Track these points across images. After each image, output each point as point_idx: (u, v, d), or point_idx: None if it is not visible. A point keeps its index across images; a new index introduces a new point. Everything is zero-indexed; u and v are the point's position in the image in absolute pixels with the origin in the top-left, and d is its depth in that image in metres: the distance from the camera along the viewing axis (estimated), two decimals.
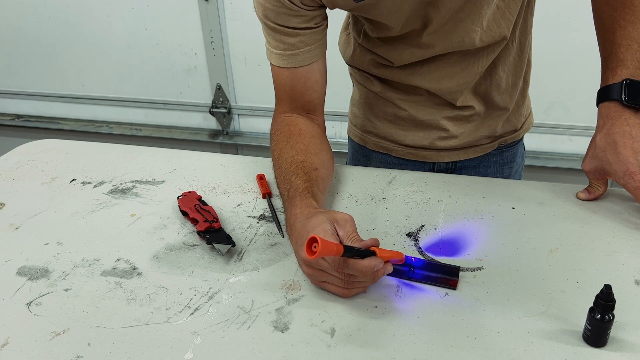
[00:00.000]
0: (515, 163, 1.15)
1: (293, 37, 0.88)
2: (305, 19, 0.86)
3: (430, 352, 0.63)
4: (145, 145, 1.19)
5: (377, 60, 1.01)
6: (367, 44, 1.01)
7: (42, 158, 1.10)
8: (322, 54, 0.92)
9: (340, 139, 2.35)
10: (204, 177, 1.01)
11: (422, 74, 0.97)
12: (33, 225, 0.88)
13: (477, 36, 0.89)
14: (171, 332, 0.67)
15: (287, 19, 0.86)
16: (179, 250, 0.81)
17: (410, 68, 0.97)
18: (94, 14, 2.37)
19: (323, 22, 0.90)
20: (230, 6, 2.22)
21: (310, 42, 0.89)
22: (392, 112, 1.05)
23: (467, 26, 0.88)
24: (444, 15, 0.86)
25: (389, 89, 1.03)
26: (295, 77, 0.92)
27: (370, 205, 0.91)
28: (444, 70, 0.96)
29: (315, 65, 0.92)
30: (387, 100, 1.05)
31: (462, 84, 0.97)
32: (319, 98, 0.95)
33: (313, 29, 0.88)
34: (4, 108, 2.74)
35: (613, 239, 0.81)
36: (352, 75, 1.12)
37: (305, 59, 0.90)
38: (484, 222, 0.86)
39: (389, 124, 1.07)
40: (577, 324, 0.66)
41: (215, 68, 2.35)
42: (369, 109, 1.09)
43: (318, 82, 0.94)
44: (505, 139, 1.10)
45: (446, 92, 0.98)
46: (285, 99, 0.94)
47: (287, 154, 0.88)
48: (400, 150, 1.09)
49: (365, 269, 0.66)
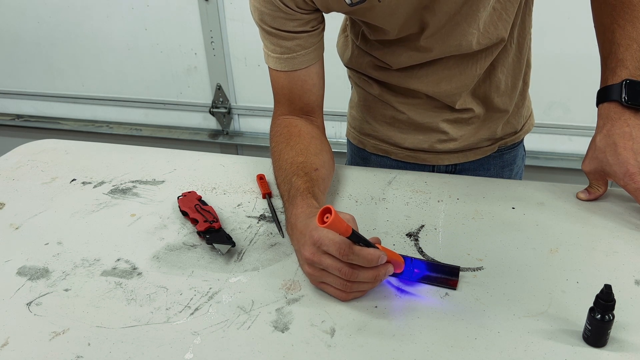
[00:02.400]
0: (516, 165, 1.15)
1: (289, 40, 0.88)
2: (301, 23, 0.87)
3: (430, 352, 0.63)
4: (145, 145, 1.19)
5: (375, 62, 1.01)
6: (365, 46, 1.01)
7: (42, 158, 1.10)
8: (319, 56, 0.92)
9: (340, 139, 2.35)
10: (204, 177, 1.01)
11: (420, 77, 0.97)
12: (33, 225, 0.88)
13: (474, 39, 0.89)
14: (171, 332, 0.67)
15: (283, 22, 0.86)
16: (179, 250, 0.81)
17: (409, 71, 0.97)
18: (94, 14, 2.37)
19: (319, 26, 0.90)
20: (230, 6, 2.22)
21: (307, 45, 0.89)
22: (390, 114, 1.05)
23: (463, 29, 0.88)
24: (440, 19, 0.86)
25: (387, 91, 1.03)
26: (293, 80, 0.92)
27: (370, 205, 0.91)
28: (442, 73, 0.95)
29: (313, 68, 0.92)
30: (385, 103, 1.04)
31: (461, 87, 0.97)
32: (317, 100, 0.95)
33: (309, 32, 0.88)
34: (4, 108, 2.74)
35: (613, 239, 0.81)
36: (350, 78, 1.12)
37: (303, 62, 0.90)
38: (484, 222, 0.86)
39: (387, 126, 1.07)
40: (577, 324, 0.66)
41: (215, 68, 2.35)
42: (367, 111, 1.09)
43: (316, 85, 0.94)
44: (505, 141, 1.09)
45: (445, 95, 0.98)
46: (283, 102, 0.94)
47: (287, 155, 0.88)
48: (399, 153, 1.09)
49: (371, 256, 0.66)
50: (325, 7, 0.86)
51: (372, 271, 0.68)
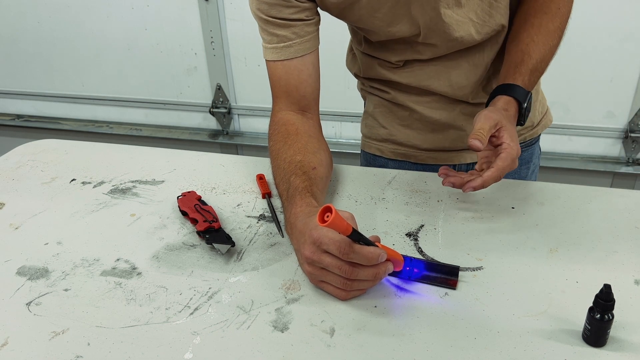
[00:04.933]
0: (532, 163, 1.14)
1: (285, 28, 0.89)
2: (297, 10, 0.88)
3: (430, 352, 0.63)
4: (145, 145, 1.19)
5: (383, 64, 1.01)
6: (369, 49, 1.01)
7: (42, 158, 1.10)
8: (314, 47, 0.93)
9: (341, 139, 2.35)
10: (203, 177, 1.01)
11: (429, 73, 0.97)
12: (33, 225, 0.88)
13: (472, 29, 0.90)
14: (171, 332, 0.67)
15: (279, 10, 0.88)
16: (179, 250, 0.81)
17: (418, 68, 0.98)
18: (94, 14, 2.37)
19: (314, 17, 0.92)
20: (230, 6, 2.22)
21: (302, 34, 0.90)
22: (406, 115, 1.05)
23: (455, 20, 0.88)
24: (426, 12, 0.87)
25: (400, 93, 1.03)
26: (289, 70, 0.92)
27: (370, 205, 0.91)
28: (451, 67, 0.96)
29: (308, 58, 0.92)
30: (399, 105, 1.04)
31: (472, 79, 0.97)
32: (314, 93, 0.96)
33: (305, 21, 0.90)
34: (4, 108, 2.74)
35: (613, 239, 0.81)
36: (362, 90, 1.12)
37: (298, 50, 0.91)
38: (484, 222, 0.86)
39: (405, 128, 1.06)
40: (577, 324, 0.66)
41: (215, 68, 2.35)
42: (382, 116, 1.09)
43: (312, 76, 0.94)
44: (524, 136, 1.09)
45: (457, 88, 0.98)
46: (280, 95, 0.95)
47: (285, 154, 0.88)
48: (419, 155, 1.08)
49: (371, 254, 0.66)
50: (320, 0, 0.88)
51: (372, 269, 0.68)
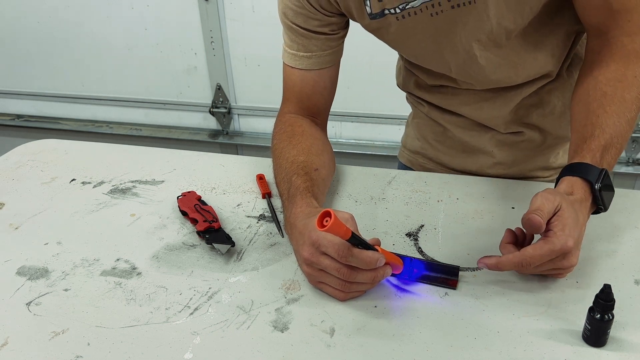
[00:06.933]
0: None
1: (307, 39, 0.88)
2: (322, 23, 0.87)
3: (430, 352, 0.63)
4: (145, 145, 1.19)
5: (419, 81, 1.00)
6: (408, 64, 1.01)
7: (42, 158, 1.10)
8: (334, 61, 0.92)
9: (341, 139, 2.35)
10: (203, 177, 1.01)
11: (461, 99, 0.96)
12: (33, 225, 0.88)
13: (512, 72, 0.87)
14: (171, 332, 0.67)
15: (304, 20, 0.86)
16: (179, 250, 0.81)
17: (450, 93, 0.96)
18: (94, 14, 2.37)
19: (340, 31, 0.90)
20: (230, 6, 2.22)
21: (323, 47, 0.89)
22: (440, 131, 1.04)
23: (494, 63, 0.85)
24: (459, 57, 0.84)
25: (434, 109, 1.02)
26: (305, 80, 0.92)
27: (370, 205, 0.91)
28: (484, 96, 0.93)
29: (327, 72, 0.92)
30: (434, 120, 1.04)
31: (505, 110, 0.94)
32: (326, 104, 0.96)
33: (328, 35, 0.88)
34: (4, 108, 2.74)
35: (613, 239, 0.81)
36: (407, 99, 1.11)
37: (317, 63, 0.90)
38: (484, 222, 0.85)
39: (437, 144, 1.06)
40: (577, 324, 0.66)
41: (215, 68, 2.35)
42: (418, 128, 1.08)
43: (327, 89, 0.94)
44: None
45: (488, 118, 0.96)
46: (292, 99, 0.94)
47: (288, 154, 0.88)
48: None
49: (369, 259, 0.66)
50: (348, 12, 0.85)
51: (370, 273, 0.68)
